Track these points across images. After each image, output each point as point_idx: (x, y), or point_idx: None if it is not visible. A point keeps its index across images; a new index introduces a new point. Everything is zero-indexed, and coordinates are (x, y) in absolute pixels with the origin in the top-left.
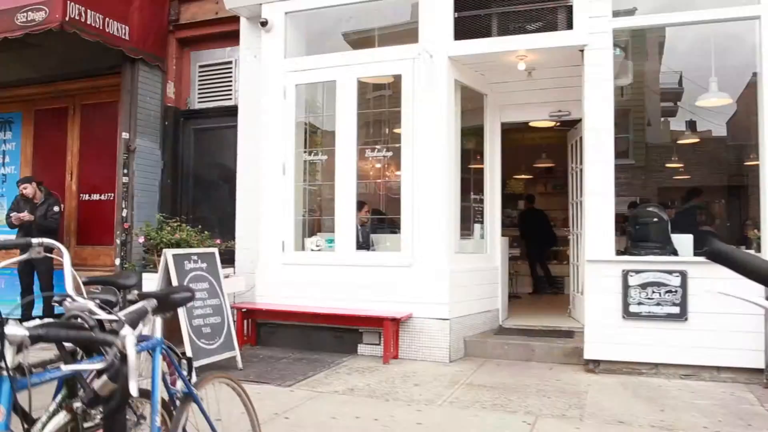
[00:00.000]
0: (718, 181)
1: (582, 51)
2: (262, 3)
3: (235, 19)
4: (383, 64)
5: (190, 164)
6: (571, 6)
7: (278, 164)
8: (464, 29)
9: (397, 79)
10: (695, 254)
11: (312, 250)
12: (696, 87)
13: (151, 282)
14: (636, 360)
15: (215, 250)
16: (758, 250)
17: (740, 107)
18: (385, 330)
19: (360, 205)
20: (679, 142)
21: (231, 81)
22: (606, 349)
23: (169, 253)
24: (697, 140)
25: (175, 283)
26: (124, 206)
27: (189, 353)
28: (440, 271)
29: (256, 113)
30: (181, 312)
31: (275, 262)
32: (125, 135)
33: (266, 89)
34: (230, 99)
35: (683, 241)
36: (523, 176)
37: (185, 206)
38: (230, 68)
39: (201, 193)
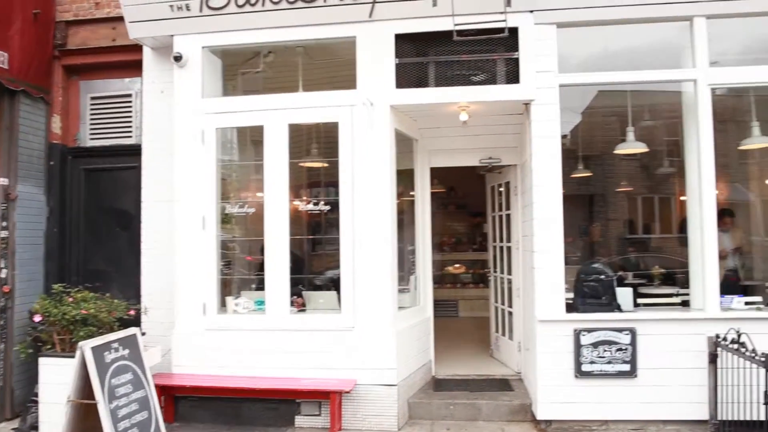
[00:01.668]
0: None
1: (527, 105)
2: (174, 34)
3: (137, 48)
4: (318, 110)
5: (81, 210)
6: (518, 59)
7: (197, 217)
8: (406, 77)
9: (334, 126)
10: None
11: (239, 312)
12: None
13: (55, 369)
14: (587, 418)
15: (137, 332)
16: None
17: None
18: (331, 403)
19: None
20: None
21: (131, 116)
22: (558, 408)
23: (86, 348)
24: None
25: (94, 381)
26: (3, 265)
27: None
28: (385, 333)
29: (165, 156)
30: (105, 419)
31: (196, 327)
32: (4, 181)
33: (180, 131)
34: (130, 137)
35: (624, 294)
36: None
37: (75, 258)
38: (130, 102)
39: (94, 242)
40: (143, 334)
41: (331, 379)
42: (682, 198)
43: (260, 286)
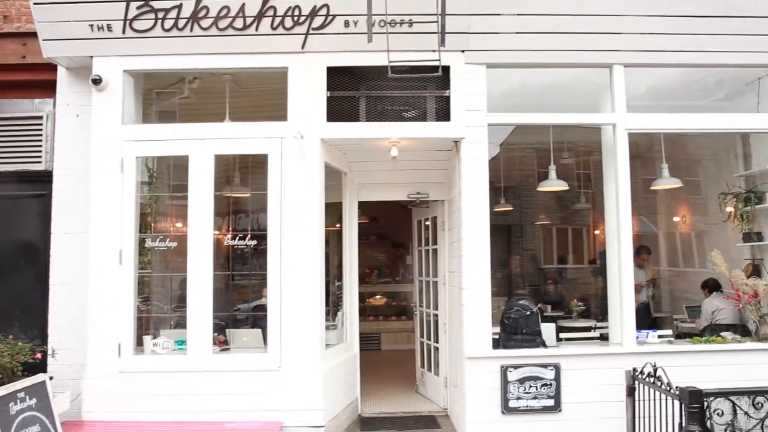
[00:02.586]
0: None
1: (457, 142)
2: (93, 56)
3: (50, 67)
4: (248, 141)
5: None
6: (449, 97)
7: (113, 250)
8: (338, 111)
9: (263, 157)
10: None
11: (157, 353)
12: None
13: None
14: None
15: (45, 378)
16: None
17: None
18: None
19: None
20: None
21: (41, 140)
22: None
23: None
24: None
25: None
26: None
27: None
28: (313, 372)
29: (79, 185)
30: None
31: (109, 370)
32: None
33: (98, 159)
34: (39, 162)
35: (548, 330)
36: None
37: None
38: (40, 125)
39: None
40: (50, 378)
41: (256, 422)
42: (596, 231)
43: (181, 324)
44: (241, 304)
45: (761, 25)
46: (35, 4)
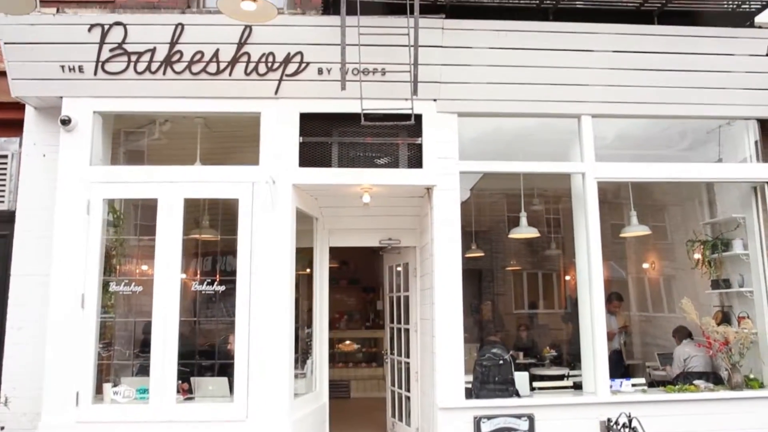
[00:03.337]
0: None
1: (429, 189)
2: (63, 96)
3: (17, 106)
4: (219, 184)
5: None
6: (421, 145)
7: (76, 294)
8: (310, 156)
9: (233, 201)
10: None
11: (118, 402)
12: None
13: None
14: None
15: None
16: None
17: None
18: None
19: None
20: None
21: (4, 180)
22: None
23: None
24: None
25: None
26: None
27: None
28: (281, 424)
29: (42, 226)
30: None
31: (66, 419)
32: None
33: (64, 200)
34: (1, 202)
35: (521, 379)
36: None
37: None
38: (4, 164)
39: None
40: (2, 428)
41: None
42: (567, 277)
43: (144, 371)
44: (207, 350)
45: (721, 79)
46: (6, 43)
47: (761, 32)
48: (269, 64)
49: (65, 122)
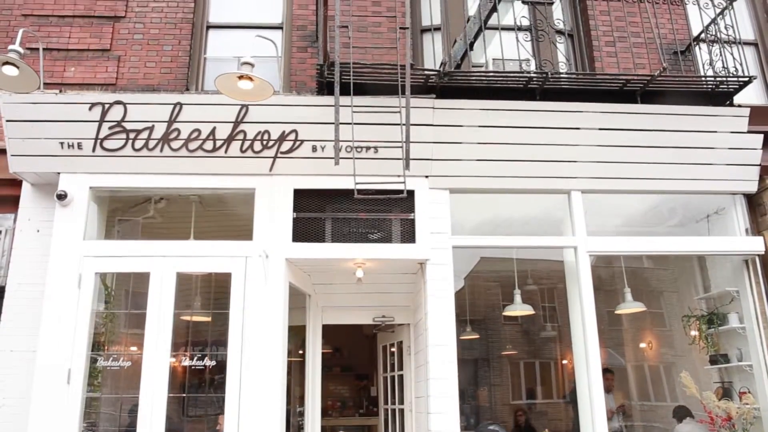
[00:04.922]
0: None
1: (422, 264)
2: (61, 172)
3: (13, 182)
4: (211, 259)
5: None
6: (413, 220)
7: (62, 369)
8: (303, 231)
9: (225, 276)
10: None
11: None
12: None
13: None
14: None
15: None
16: None
17: None
18: None
19: None
20: None
21: None
22: None
23: None
24: None
25: None
26: None
27: None
28: None
29: (31, 301)
30: None
31: None
32: None
33: (55, 274)
34: None
35: None
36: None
37: None
38: None
39: None
40: None
41: None
42: (564, 361)
43: None
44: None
45: (705, 156)
46: (8, 121)
47: (741, 111)
48: (264, 142)
49: (61, 197)
